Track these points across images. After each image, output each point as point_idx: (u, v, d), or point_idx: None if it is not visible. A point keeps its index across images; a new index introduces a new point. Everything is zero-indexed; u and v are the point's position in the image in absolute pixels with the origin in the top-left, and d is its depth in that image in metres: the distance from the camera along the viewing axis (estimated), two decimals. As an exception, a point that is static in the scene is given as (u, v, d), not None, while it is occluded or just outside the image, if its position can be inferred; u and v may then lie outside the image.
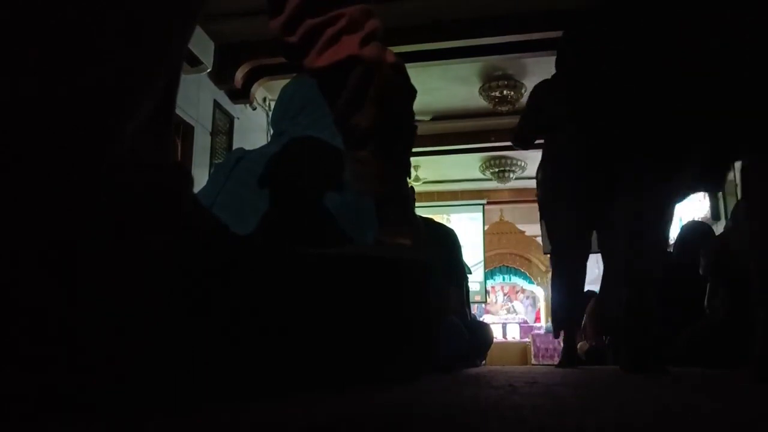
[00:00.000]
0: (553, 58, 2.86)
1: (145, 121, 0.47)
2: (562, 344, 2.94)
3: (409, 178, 0.93)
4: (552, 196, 2.93)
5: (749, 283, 1.47)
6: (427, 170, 8.13)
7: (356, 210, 1.11)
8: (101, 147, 0.42)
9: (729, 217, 3.22)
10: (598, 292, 5.79)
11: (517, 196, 9.28)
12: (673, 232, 7.34)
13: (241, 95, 5.30)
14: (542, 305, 10.80)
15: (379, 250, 0.87)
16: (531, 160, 7.71)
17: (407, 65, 0.87)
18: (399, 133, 0.86)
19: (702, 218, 6.54)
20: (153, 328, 0.49)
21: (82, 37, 0.40)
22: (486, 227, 9.50)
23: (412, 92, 0.88)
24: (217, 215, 0.72)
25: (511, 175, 7.92)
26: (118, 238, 0.46)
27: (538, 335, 9.94)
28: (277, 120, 1.40)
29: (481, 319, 7.18)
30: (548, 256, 3.77)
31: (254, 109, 5.68)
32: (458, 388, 0.98)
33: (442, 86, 5.75)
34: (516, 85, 5.67)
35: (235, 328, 0.59)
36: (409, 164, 0.91)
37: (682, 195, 1.88)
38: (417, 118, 0.90)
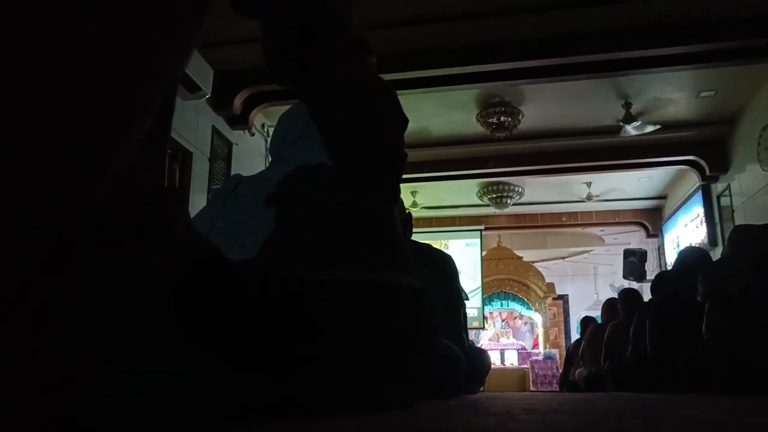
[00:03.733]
0: (549, 85, 2.87)
1: (139, 144, 0.47)
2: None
3: (398, 203, 0.94)
4: None
5: (745, 308, 1.48)
6: (425, 196, 8.15)
7: (354, 235, 1.11)
8: (96, 168, 0.43)
9: (726, 242, 3.22)
10: (598, 319, 5.75)
11: (515, 222, 9.29)
12: (671, 257, 7.32)
13: (240, 121, 5.34)
14: (540, 331, 10.74)
15: (374, 275, 0.87)
16: (528, 185, 7.75)
17: (404, 92, 0.89)
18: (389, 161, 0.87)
19: (699, 244, 6.55)
20: (144, 352, 0.49)
21: (75, 55, 0.40)
22: (484, 253, 9.49)
23: (403, 121, 0.89)
24: (215, 240, 0.72)
25: (509, 201, 7.94)
26: (111, 261, 0.46)
27: (537, 361, 9.87)
28: (275, 146, 1.41)
29: (478, 345, 7.12)
30: (546, 284, 3.74)
31: (253, 135, 5.72)
32: (454, 414, 0.97)
33: (439, 113, 5.80)
34: (513, 112, 5.71)
35: (228, 352, 0.59)
36: (398, 191, 0.92)
37: None
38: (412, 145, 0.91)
